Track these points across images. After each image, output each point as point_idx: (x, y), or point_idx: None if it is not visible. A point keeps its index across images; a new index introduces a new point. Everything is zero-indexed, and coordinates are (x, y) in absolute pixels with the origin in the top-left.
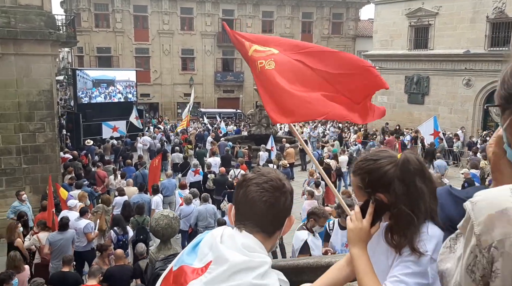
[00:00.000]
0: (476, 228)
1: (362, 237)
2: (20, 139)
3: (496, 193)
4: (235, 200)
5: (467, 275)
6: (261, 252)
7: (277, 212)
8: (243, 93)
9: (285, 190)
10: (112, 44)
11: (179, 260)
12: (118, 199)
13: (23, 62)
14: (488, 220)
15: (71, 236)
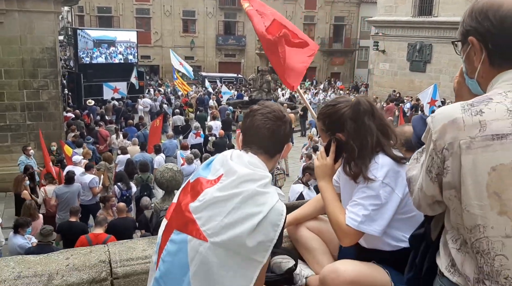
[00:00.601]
0: (434, 135)
1: (327, 172)
2: (24, 96)
3: (449, 108)
4: (243, 127)
5: (426, 175)
6: (263, 169)
7: (277, 138)
8: (244, 58)
9: (285, 120)
10: (113, 4)
11: (195, 174)
12: (121, 157)
13: (27, 19)
14: (442, 128)
15: (76, 189)
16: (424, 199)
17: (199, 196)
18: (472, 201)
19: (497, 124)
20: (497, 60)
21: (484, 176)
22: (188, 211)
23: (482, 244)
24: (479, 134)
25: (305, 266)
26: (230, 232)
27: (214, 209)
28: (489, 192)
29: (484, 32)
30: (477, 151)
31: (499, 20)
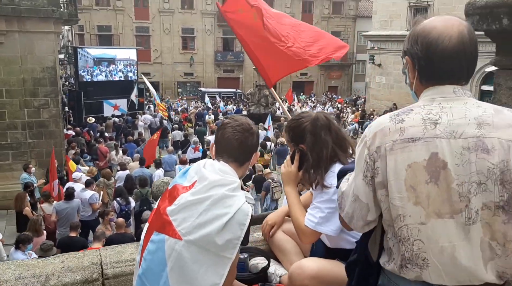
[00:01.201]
0: (367, 143)
1: (291, 178)
2: (25, 115)
3: (381, 118)
4: (216, 139)
5: (363, 181)
6: (232, 175)
7: (245, 147)
8: (243, 73)
9: (252, 132)
10: (113, 23)
11: (173, 182)
12: (120, 173)
13: (27, 40)
14: (373, 135)
15: (76, 205)
16: (358, 210)
17: (175, 200)
18: (394, 194)
19: (413, 130)
20: (423, 79)
21: (403, 172)
22: (165, 214)
23: (403, 231)
24: (399, 138)
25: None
26: (202, 231)
27: (188, 211)
28: (407, 185)
29: (414, 54)
30: (397, 152)
31: (425, 45)
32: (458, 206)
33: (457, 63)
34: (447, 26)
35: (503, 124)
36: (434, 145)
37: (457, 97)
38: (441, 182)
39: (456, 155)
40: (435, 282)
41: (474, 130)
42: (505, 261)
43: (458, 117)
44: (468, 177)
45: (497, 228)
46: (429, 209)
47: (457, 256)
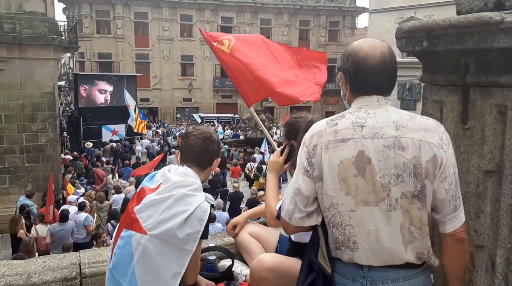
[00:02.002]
0: (306, 142)
1: (277, 168)
2: (23, 139)
3: (318, 123)
4: (181, 146)
5: (304, 176)
6: (194, 178)
7: (206, 154)
8: (241, 99)
9: (213, 140)
10: (113, 50)
11: (141, 184)
12: (115, 196)
13: (27, 66)
14: (311, 136)
15: (70, 227)
16: (299, 203)
17: (142, 200)
18: (329, 186)
19: (344, 132)
20: (354, 91)
21: (335, 167)
22: (133, 212)
23: (336, 218)
24: (332, 139)
25: (246, 267)
26: (164, 226)
27: (153, 209)
28: (339, 178)
29: (346, 70)
30: (331, 150)
31: (355, 63)
32: (381, 195)
33: (380, 77)
34: (371, 47)
35: (416, 127)
36: (361, 144)
37: (380, 105)
38: (367, 175)
39: (378, 152)
40: (364, 263)
41: (393, 131)
42: (422, 243)
43: (380, 121)
44: (388, 170)
45: (414, 214)
46: (358, 198)
47: (381, 238)
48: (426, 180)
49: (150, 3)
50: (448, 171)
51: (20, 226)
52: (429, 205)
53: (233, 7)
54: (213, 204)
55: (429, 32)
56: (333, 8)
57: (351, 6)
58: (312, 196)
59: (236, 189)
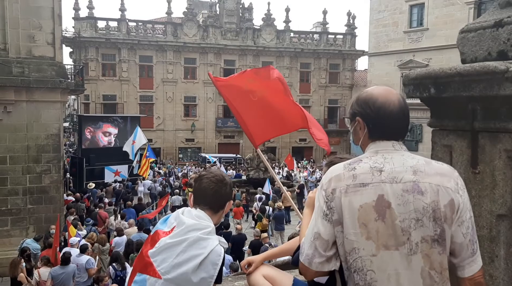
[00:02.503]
0: (324, 186)
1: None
2: (27, 181)
3: (335, 167)
4: (193, 189)
5: (323, 220)
6: (207, 221)
7: (219, 196)
8: (243, 139)
9: (226, 182)
10: (118, 92)
11: (155, 228)
12: (117, 239)
13: (34, 109)
14: (329, 181)
15: (72, 270)
16: (319, 247)
17: (156, 244)
18: (349, 230)
19: (363, 177)
20: (373, 136)
21: (356, 211)
22: (147, 256)
23: (358, 262)
24: (352, 183)
25: None
26: (179, 270)
27: (167, 253)
28: (360, 222)
29: (366, 115)
30: (351, 194)
31: (376, 109)
32: (401, 239)
33: (400, 123)
34: (388, 94)
35: (432, 172)
36: (380, 188)
37: (395, 150)
38: (387, 219)
39: (397, 196)
40: None
41: (411, 176)
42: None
43: (398, 166)
44: (408, 214)
45: (435, 258)
46: (379, 242)
47: (402, 282)
48: (444, 224)
49: (155, 47)
50: (465, 215)
51: (20, 269)
52: (448, 249)
53: (235, 50)
54: (226, 247)
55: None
56: (333, 51)
57: (350, 50)
58: (332, 240)
59: (239, 230)
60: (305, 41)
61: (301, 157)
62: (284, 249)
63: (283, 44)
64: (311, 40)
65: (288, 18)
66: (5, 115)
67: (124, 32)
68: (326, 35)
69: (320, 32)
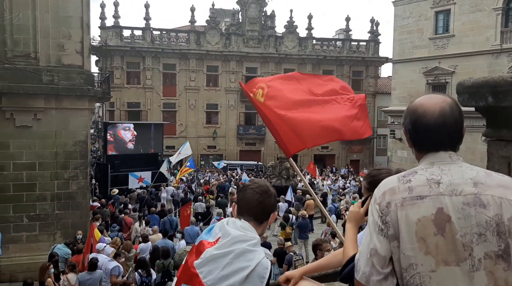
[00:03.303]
0: (377, 200)
1: (356, 218)
2: (55, 187)
3: (388, 180)
4: (237, 199)
5: (379, 235)
6: (253, 232)
7: (264, 207)
8: (264, 146)
9: (270, 193)
10: (142, 99)
11: (199, 238)
12: (143, 245)
13: (63, 116)
14: (383, 194)
15: (99, 276)
16: (376, 264)
17: (201, 255)
18: (406, 245)
19: (420, 189)
20: (416, 147)
21: (413, 225)
22: (192, 267)
23: (416, 279)
24: (408, 196)
25: None
26: (226, 282)
27: (213, 264)
28: (418, 237)
29: (406, 127)
30: (407, 208)
31: (413, 120)
32: (462, 255)
33: (438, 134)
34: (431, 104)
35: (494, 184)
36: (439, 201)
37: (453, 162)
38: (447, 234)
39: (458, 209)
40: None
41: (471, 188)
42: None
43: (456, 177)
44: (469, 228)
45: (499, 275)
46: (438, 258)
47: None
48: (509, 238)
49: (178, 55)
50: None
51: (48, 275)
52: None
53: (257, 58)
54: (271, 259)
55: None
56: (356, 58)
57: (374, 57)
58: (388, 256)
59: (264, 238)
60: (327, 48)
61: (323, 164)
62: (323, 264)
63: (305, 52)
64: (333, 47)
65: (310, 25)
66: (35, 122)
67: (149, 41)
68: (349, 42)
69: (343, 39)
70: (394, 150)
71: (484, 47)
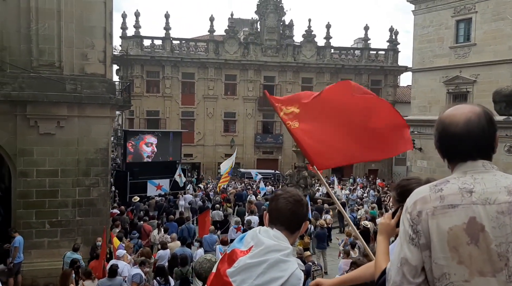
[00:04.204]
0: (408, 209)
1: (387, 230)
2: (76, 193)
3: (420, 189)
4: (269, 208)
5: (410, 245)
6: (286, 242)
7: (297, 217)
8: (282, 155)
9: (303, 203)
10: (161, 108)
11: (231, 246)
12: (161, 252)
13: (85, 124)
14: (414, 203)
15: (119, 282)
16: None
17: (234, 263)
18: (438, 254)
19: (452, 198)
20: (445, 157)
21: (445, 234)
22: (225, 275)
23: None
24: (439, 204)
25: None
26: None
27: (246, 273)
28: (450, 246)
29: (435, 138)
30: (439, 216)
31: (439, 131)
32: (498, 265)
33: (463, 144)
34: (458, 114)
35: None
36: (471, 210)
37: (486, 171)
38: (481, 243)
39: (492, 218)
40: None
41: (506, 196)
42: None
43: (490, 186)
44: (505, 237)
45: None
46: (472, 268)
47: None
48: None
49: (197, 64)
50: None
51: (70, 281)
52: None
53: (275, 67)
54: (303, 269)
55: None
56: (374, 67)
57: (393, 65)
58: (420, 265)
59: None
60: (346, 57)
61: (341, 174)
62: (355, 276)
63: (324, 60)
64: (352, 56)
65: (329, 34)
66: (58, 130)
67: (168, 50)
68: (367, 51)
69: (361, 48)
70: (413, 160)
71: (507, 56)
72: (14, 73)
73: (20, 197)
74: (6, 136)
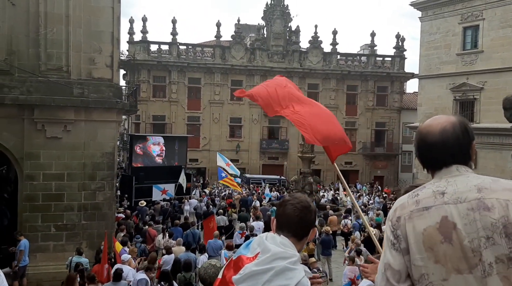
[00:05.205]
0: (390, 216)
1: None
2: (82, 197)
3: (401, 198)
4: (276, 214)
5: (392, 250)
6: (293, 250)
7: (305, 224)
8: (287, 161)
9: (311, 209)
10: (167, 113)
11: (237, 252)
12: (166, 257)
13: (91, 128)
14: (394, 211)
15: None
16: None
17: (240, 270)
18: (416, 256)
19: (425, 201)
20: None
21: (420, 235)
22: (231, 282)
23: None
24: (415, 208)
25: None
26: None
27: (252, 280)
28: (425, 246)
29: (414, 147)
30: (414, 219)
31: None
32: (473, 261)
33: (439, 153)
34: (434, 124)
35: (499, 188)
36: (443, 210)
37: (460, 174)
38: (454, 241)
39: (463, 216)
40: None
41: (475, 194)
42: None
43: (461, 186)
44: (476, 233)
45: None
46: (448, 266)
47: None
48: None
49: (204, 69)
50: None
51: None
52: None
53: (281, 72)
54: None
55: None
56: (381, 74)
57: (399, 72)
58: (403, 270)
59: None
60: (352, 64)
61: (347, 180)
62: None
63: (330, 67)
64: (358, 63)
65: (335, 41)
66: (65, 133)
67: (175, 55)
68: (374, 57)
69: (367, 55)
70: (419, 167)
71: None
72: (22, 77)
73: (26, 200)
74: (14, 140)
